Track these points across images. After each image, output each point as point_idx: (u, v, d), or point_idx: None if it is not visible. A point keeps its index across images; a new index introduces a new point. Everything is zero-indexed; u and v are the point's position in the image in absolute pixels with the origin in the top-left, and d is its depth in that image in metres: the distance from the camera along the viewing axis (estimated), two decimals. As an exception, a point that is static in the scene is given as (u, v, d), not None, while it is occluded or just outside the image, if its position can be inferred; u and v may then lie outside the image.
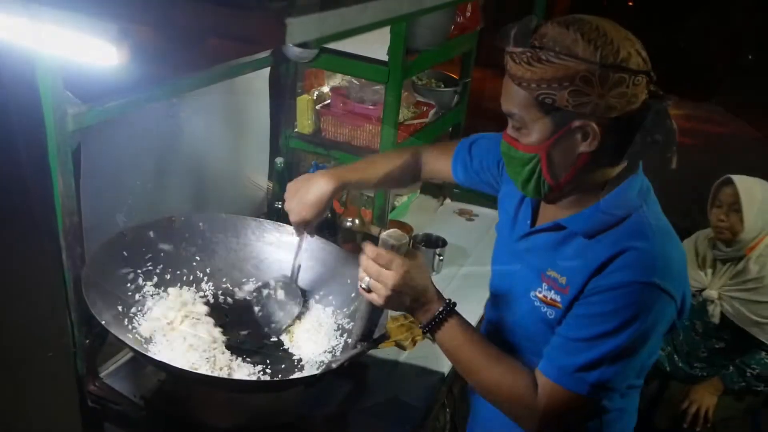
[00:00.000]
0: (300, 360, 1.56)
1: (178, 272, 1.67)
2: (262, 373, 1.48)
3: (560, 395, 1.17)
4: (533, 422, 1.20)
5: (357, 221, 2.16)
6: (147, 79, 1.63)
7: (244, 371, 1.47)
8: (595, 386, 1.15)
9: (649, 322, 1.13)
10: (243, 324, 1.63)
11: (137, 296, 1.56)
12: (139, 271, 1.59)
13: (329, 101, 2.39)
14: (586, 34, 1.06)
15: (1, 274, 1.09)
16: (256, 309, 1.65)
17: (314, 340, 1.60)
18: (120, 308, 1.51)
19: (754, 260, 2.32)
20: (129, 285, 1.56)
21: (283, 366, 1.53)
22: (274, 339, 1.61)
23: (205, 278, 1.71)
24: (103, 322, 1.35)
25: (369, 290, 1.20)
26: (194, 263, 1.70)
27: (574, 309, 1.19)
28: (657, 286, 1.12)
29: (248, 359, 1.51)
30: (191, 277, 1.69)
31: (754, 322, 2.32)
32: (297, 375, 1.49)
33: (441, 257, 2.33)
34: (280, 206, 2.11)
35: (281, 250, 1.77)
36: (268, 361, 1.53)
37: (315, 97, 2.37)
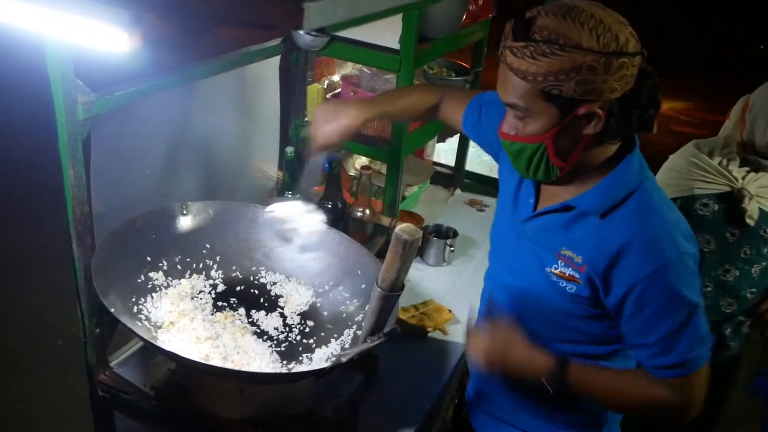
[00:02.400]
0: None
1: (188, 260, 1.66)
2: (270, 363, 1.48)
3: (695, 379, 1.23)
4: (689, 415, 1.26)
5: (367, 211, 2.15)
6: (157, 67, 1.61)
7: (254, 362, 1.46)
8: (706, 351, 1.23)
9: (696, 282, 1.21)
10: (252, 313, 1.62)
11: (148, 284, 1.56)
12: (149, 258, 1.58)
13: (340, 90, 2.37)
14: (586, 23, 1.08)
15: (12, 264, 1.08)
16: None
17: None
18: (130, 297, 1.50)
19: None
20: (139, 273, 1.55)
21: (291, 357, 1.52)
22: (282, 329, 1.60)
23: (215, 266, 1.70)
24: (112, 311, 1.34)
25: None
26: (204, 251, 1.69)
27: (629, 319, 1.24)
28: (683, 253, 1.18)
29: (258, 350, 1.50)
30: (201, 265, 1.68)
31: None
32: (307, 367, 1.49)
33: (452, 248, 2.31)
34: (290, 195, 2.10)
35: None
36: (277, 352, 1.52)
37: (326, 86, 2.35)
